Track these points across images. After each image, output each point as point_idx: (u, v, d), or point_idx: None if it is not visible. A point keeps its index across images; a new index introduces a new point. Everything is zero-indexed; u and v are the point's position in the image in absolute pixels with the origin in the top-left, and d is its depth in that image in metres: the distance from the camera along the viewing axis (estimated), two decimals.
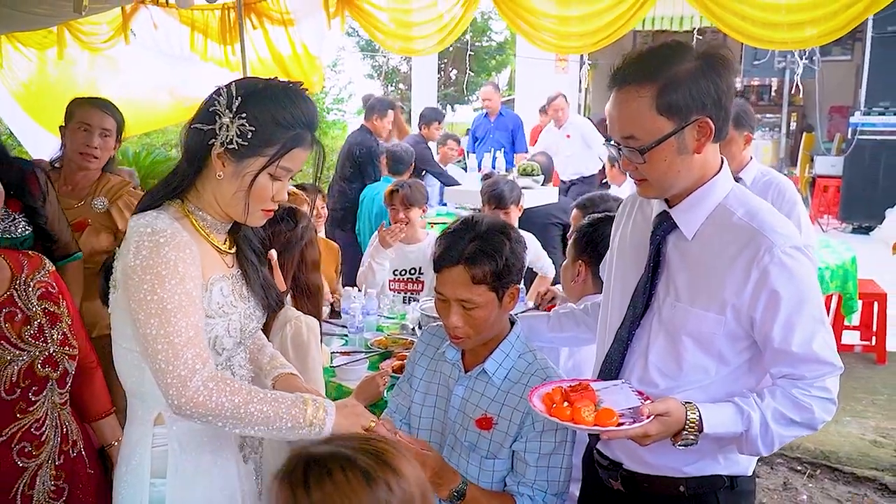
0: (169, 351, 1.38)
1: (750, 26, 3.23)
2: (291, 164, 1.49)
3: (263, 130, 1.44)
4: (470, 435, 1.77)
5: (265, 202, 1.50)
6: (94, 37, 5.63)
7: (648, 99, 1.45)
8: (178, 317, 1.39)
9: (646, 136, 1.47)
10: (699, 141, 1.49)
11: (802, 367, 1.49)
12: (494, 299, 1.73)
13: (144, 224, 1.43)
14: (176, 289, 1.40)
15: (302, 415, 1.43)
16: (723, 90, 1.47)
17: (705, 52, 1.48)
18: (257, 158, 1.46)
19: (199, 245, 1.49)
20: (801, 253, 1.47)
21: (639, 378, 1.63)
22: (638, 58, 1.49)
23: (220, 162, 1.46)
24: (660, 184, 1.54)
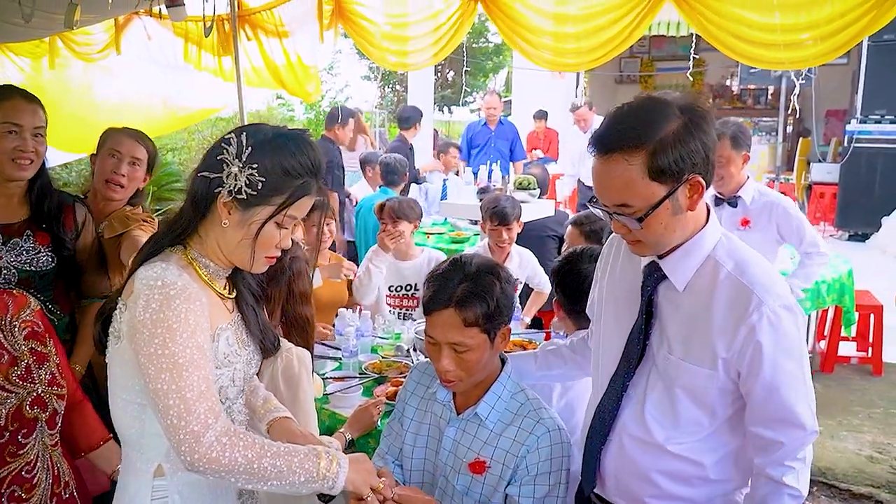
0: (181, 406, 1.36)
1: (745, 45, 3.20)
2: (298, 212, 1.49)
3: (272, 180, 1.44)
4: (462, 478, 1.75)
5: (270, 250, 1.51)
6: (88, 47, 5.60)
7: (639, 166, 1.42)
8: (189, 371, 1.37)
9: (640, 203, 1.45)
10: (692, 199, 1.48)
11: (781, 431, 1.49)
12: (486, 341, 1.71)
13: (154, 276, 1.41)
14: (188, 342, 1.38)
15: (315, 468, 1.42)
16: (709, 146, 1.46)
17: (687, 107, 1.45)
18: (265, 207, 1.46)
19: (205, 294, 1.47)
20: (790, 313, 1.47)
21: (635, 426, 1.62)
22: (621, 122, 1.46)
23: (226, 210, 1.46)
24: (656, 244, 1.53)
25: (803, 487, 1.51)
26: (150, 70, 6.00)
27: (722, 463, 1.60)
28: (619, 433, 1.65)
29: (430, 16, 4.16)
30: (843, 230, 8.84)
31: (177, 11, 4.26)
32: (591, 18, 3.68)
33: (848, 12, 3.02)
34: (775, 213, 3.38)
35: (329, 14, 4.36)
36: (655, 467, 1.60)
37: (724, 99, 13.16)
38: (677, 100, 1.46)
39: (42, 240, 2.38)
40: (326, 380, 2.83)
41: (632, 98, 1.52)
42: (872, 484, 3.83)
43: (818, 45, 3.07)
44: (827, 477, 3.89)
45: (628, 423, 1.63)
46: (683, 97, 1.47)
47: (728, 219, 3.45)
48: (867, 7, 2.98)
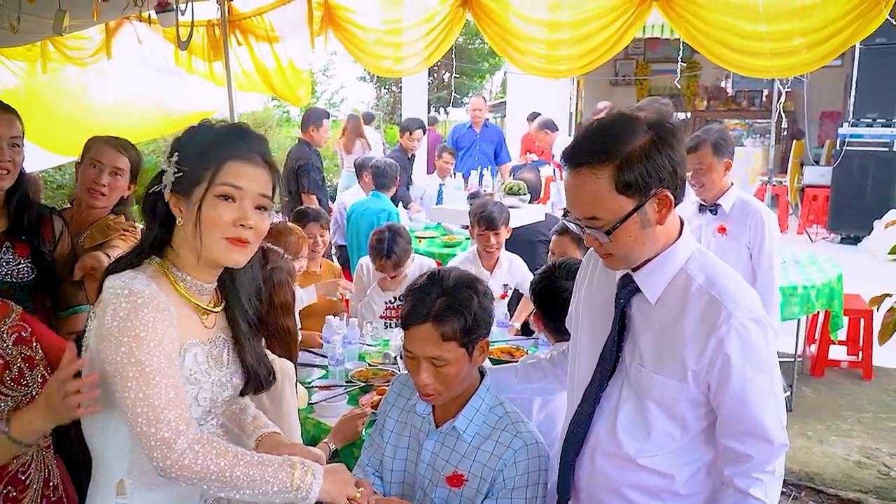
0: (150, 413, 1.36)
1: (732, 53, 3.22)
2: (236, 179, 1.45)
3: (196, 159, 1.46)
4: (440, 491, 1.76)
5: (221, 228, 1.45)
6: (80, 51, 5.60)
7: (606, 180, 1.45)
8: (157, 379, 1.37)
9: (609, 216, 1.48)
10: (661, 213, 1.50)
11: (750, 443, 1.50)
12: (464, 355, 1.72)
13: (121, 285, 1.41)
14: (155, 351, 1.38)
15: (289, 479, 1.42)
16: (677, 161, 1.48)
17: (655, 122, 1.48)
18: (200, 186, 1.45)
19: (176, 307, 1.46)
20: (759, 325, 1.48)
21: (607, 439, 1.63)
22: (591, 137, 1.49)
23: (176, 208, 1.48)
24: (626, 257, 1.55)
25: (771, 500, 1.52)
26: (143, 73, 6.01)
27: (694, 478, 1.60)
28: (592, 446, 1.66)
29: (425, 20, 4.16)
30: (835, 233, 8.85)
31: (166, 17, 4.26)
32: (581, 25, 3.69)
33: (834, 21, 3.04)
34: (752, 222, 3.37)
35: (319, 20, 4.36)
36: (626, 481, 1.61)
37: (718, 101, 13.18)
38: (647, 116, 1.50)
39: (21, 251, 2.38)
40: (312, 388, 2.83)
41: (626, 100, 1.55)
42: (861, 489, 3.84)
43: (804, 53, 3.09)
44: (815, 482, 3.90)
45: (601, 436, 1.64)
46: (654, 113, 1.51)
47: (707, 226, 3.47)
48: (853, 16, 3.00)
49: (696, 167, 3.31)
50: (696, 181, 3.34)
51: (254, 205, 1.48)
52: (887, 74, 8.21)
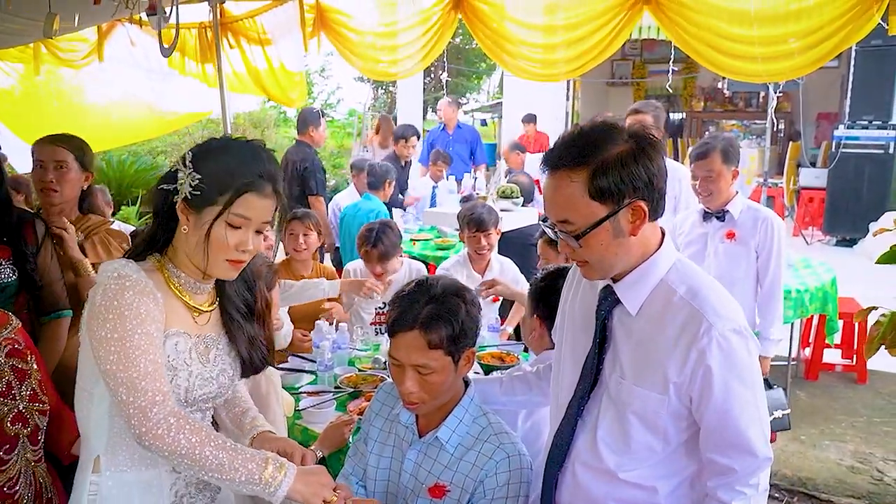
0: (128, 383, 1.45)
1: (723, 57, 3.21)
2: (247, 211, 1.54)
3: (216, 179, 1.52)
4: (421, 501, 1.74)
5: (226, 251, 1.54)
6: (72, 53, 5.58)
7: (580, 184, 1.45)
8: (136, 353, 1.46)
9: (580, 220, 1.47)
10: (634, 224, 1.48)
11: (734, 457, 1.49)
12: (450, 363, 1.71)
13: (113, 269, 1.53)
14: (136, 329, 1.47)
15: (259, 471, 1.46)
16: (653, 172, 1.47)
17: (635, 133, 1.48)
18: (213, 207, 1.52)
19: (165, 298, 1.55)
20: (741, 337, 1.47)
21: (587, 453, 1.61)
22: (570, 141, 1.49)
23: (184, 216, 1.55)
24: (600, 266, 1.54)
25: None
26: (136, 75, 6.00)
27: (677, 491, 1.59)
28: (573, 461, 1.65)
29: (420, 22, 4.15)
30: (830, 235, 8.84)
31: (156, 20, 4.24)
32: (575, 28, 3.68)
33: (825, 25, 3.03)
34: (762, 227, 3.36)
35: (311, 22, 4.34)
36: (608, 495, 1.60)
37: (715, 102, 13.17)
38: (630, 126, 1.51)
39: (3, 253, 2.37)
40: (300, 394, 2.81)
41: (622, 101, 1.55)
42: (853, 495, 3.83)
43: (796, 57, 3.08)
44: (808, 487, 3.89)
45: (581, 450, 1.63)
46: (636, 125, 1.51)
47: (714, 233, 3.45)
48: (845, 20, 2.99)
49: (704, 175, 3.29)
50: (704, 189, 3.32)
51: (255, 230, 1.58)
52: (883, 76, 8.22)
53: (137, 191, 10.06)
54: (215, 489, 1.73)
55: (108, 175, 10.01)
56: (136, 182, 10.45)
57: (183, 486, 1.64)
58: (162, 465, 1.59)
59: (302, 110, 5.99)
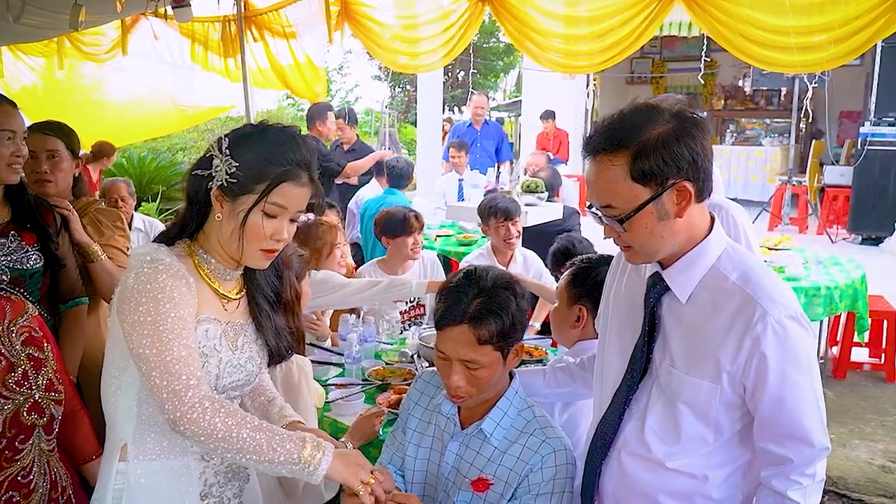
0: (162, 367, 1.42)
1: (757, 48, 3.15)
2: (283, 200, 1.51)
3: (253, 167, 1.49)
4: (463, 495, 1.71)
5: (260, 241, 1.52)
6: (96, 47, 5.62)
7: (622, 167, 1.41)
8: (170, 337, 1.44)
9: (623, 204, 1.44)
10: (679, 205, 1.44)
11: (790, 447, 1.44)
12: (499, 358, 1.67)
13: (145, 252, 1.51)
14: (170, 312, 1.45)
15: (297, 451, 1.43)
16: (697, 152, 1.42)
17: (677, 112, 1.43)
18: (249, 196, 1.50)
19: (196, 284, 1.53)
20: (797, 323, 1.42)
21: (635, 442, 1.58)
22: (609, 125, 1.45)
23: (218, 203, 1.52)
24: (645, 250, 1.50)
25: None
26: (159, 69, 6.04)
27: (728, 481, 1.55)
28: (619, 450, 1.61)
29: (440, 17, 4.13)
30: (855, 234, 8.71)
31: (182, 12, 4.26)
32: (601, 20, 3.64)
33: (862, 15, 2.97)
34: (724, 220, 3.26)
35: (336, 15, 4.33)
36: (654, 485, 1.57)
37: (736, 100, 13.06)
38: (670, 106, 1.45)
39: (28, 239, 2.35)
40: (328, 386, 2.79)
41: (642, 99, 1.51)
42: (885, 494, 3.76)
43: (831, 48, 3.02)
44: (838, 486, 3.82)
45: (629, 440, 1.59)
46: (678, 103, 1.46)
47: None
48: (880, 11, 2.92)
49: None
50: None
51: (290, 219, 1.56)
52: None
53: (157, 187, 10.13)
54: (243, 478, 1.71)
55: (129, 171, 10.07)
56: (156, 178, 10.51)
57: (212, 474, 1.62)
58: (191, 453, 1.58)
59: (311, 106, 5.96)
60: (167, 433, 1.54)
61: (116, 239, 2.71)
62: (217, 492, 1.64)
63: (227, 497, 1.66)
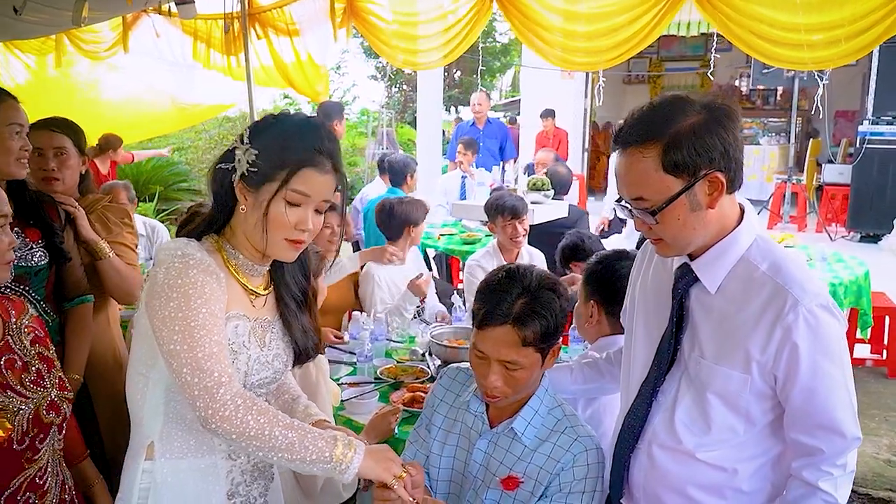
0: (193, 364, 1.40)
1: (768, 45, 3.16)
2: (306, 187, 1.48)
3: (273, 154, 1.48)
4: (492, 493, 1.69)
5: (285, 230, 1.50)
6: (96, 45, 5.58)
7: (653, 159, 1.41)
8: (201, 333, 1.42)
9: (655, 196, 1.43)
10: (711, 196, 1.44)
11: (821, 437, 1.43)
12: (539, 360, 1.65)
13: (175, 247, 1.49)
14: (201, 308, 1.43)
15: (329, 449, 1.42)
16: (729, 142, 1.42)
17: (708, 104, 1.43)
18: (271, 184, 1.48)
19: (226, 279, 1.52)
20: (829, 313, 1.41)
21: (664, 434, 1.57)
22: (640, 117, 1.45)
23: (242, 195, 1.51)
24: (676, 242, 1.49)
25: (841, 496, 1.45)
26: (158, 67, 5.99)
27: (758, 473, 1.54)
28: (648, 441, 1.61)
29: (439, 16, 4.12)
30: (854, 231, 8.75)
31: (187, 9, 4.23)
32: (606, 18, 3.64)
33: (872, 12, 2.97)
34: None
35: (342, 12, 4.31)
36: (685, 476, 1.56)
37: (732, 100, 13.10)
38: (701, 97, 1.45)
39: (33, 236, 2.32)
40: (341, 385, 2.78)
41: (639, 98, 1.51)
42: (891, 488, 3.77)
43: (842, 44, 3.02)
44: None
45: (658, 431, 1.59)
46: (709, 95, 1.46)
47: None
48: (891, 7, 2.93)
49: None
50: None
51: (315, 208, 1.53)
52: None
53: (154, 188, 10.07)
54: (269, 477, 1.70)
55: (126, 172, 9.98)
56: (153, 179, 10.45)
57: (239, 473, 1.61)
58: (218, 452, 1.56)
59: (322, 104, 5.93)
60: (194, 431, 1.53)
61: (125, 236, 2.68)
62: (244, 491, 1.62)
63: (253, 496, 1.64)
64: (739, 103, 13.05)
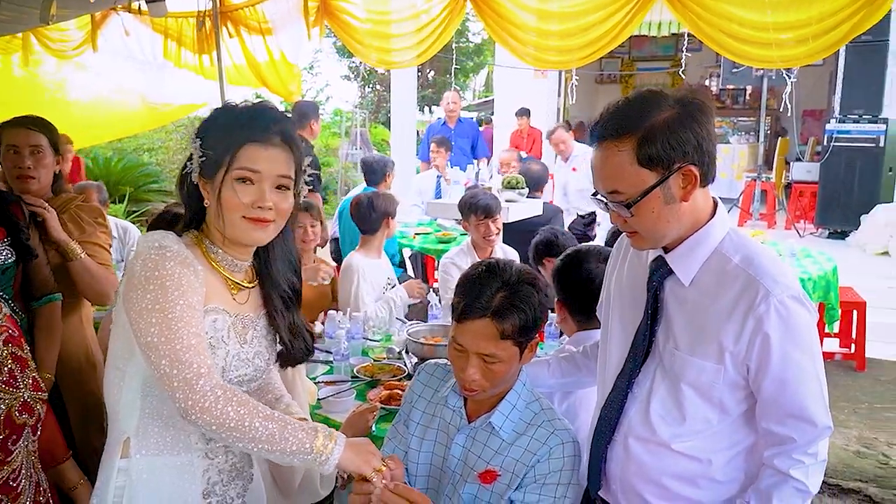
0: (171, 356, 1.39)
1: (738, 43, 3.21)
2: (251, 163, 1.48)
3: (218, 141, 1.50)
4: (469, 487, 1.69)
5: (239, 209, 1.49)
6: (64, 43, 5.48)
7: (628, 152, 1.43)
8: (179, 325, 1.41)
9: (630, 189, 1.46)
10: (685, 189, 1.46)
11: (792, 426, 1.46)
12: (517, 353, 1.66)
13: (153, 239, 1.48)
14: (178, 300, 1.42)
15: (310, 440, 1.42)
16: (702, 136, 1.44)
17: (682, 98, 1.45)
18: (221, 169, 1.49)
19: (205, 272, 1.52)
20: (800, 304, 1.44)
21: (640, 426, 1.59)
22: (615, 111, 1.47)
23: (204, 190, 1.53)
24: (651, 235, 1.52)
25: (812, 484, 1.49)
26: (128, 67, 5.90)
27: (732, 463, 1.57)
28: (624, 434, 1.63)
29: (413, 15, 4.13)
30: (822, 228, 8.92)
31: (157, 6, 4.18)
32: (578, 16, 3.67)
33: (839, 11, 3.03)
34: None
35: (315, 11, 4.28)
36: (660, 468, 1.58)
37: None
38: (675, 91, 1.48)
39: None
40: (318, 384, 2.77)
41: (611, 98, 1.54)
42: (860, 479, 3.85)
43: (809, 43, 3.08)
44: None
45: (633, 423, 1.61)
46: (683, 89, 1.48)
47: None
48: (857, 6, 2.99)
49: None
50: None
51: (273, 185, 1.51)
52: (873, 71, 8.30)
53: (125, 188, 9.93)
54: (247, 478, 1.68)
55: (95, 173, 9.85)
56: (123, 180, 10.31)
57: (215, 473, 1.60)
58: (195, 450, 1.55)
59: (298, 103, 5.90)
60: (171, 427, 1.52)
61: (98, 236, 2.65)
62: (220, 490, 1.61)
63: (230, 496, 1.63)
64: None
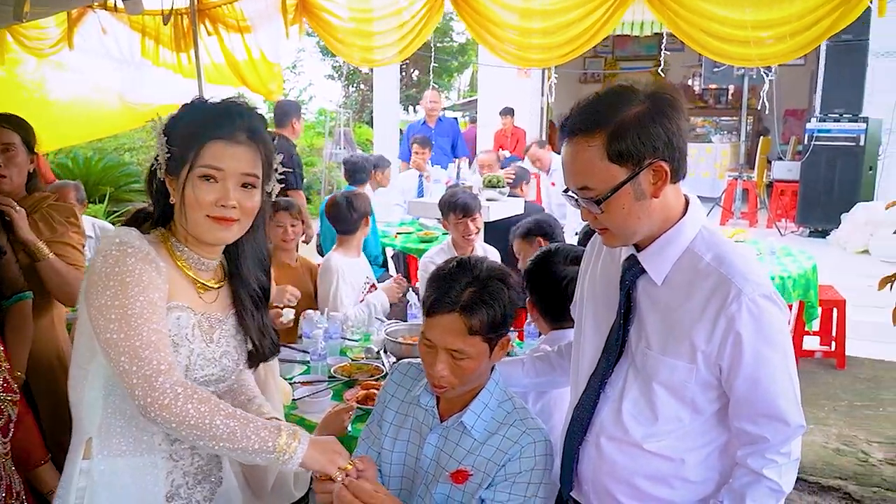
0: (131, 352, 1.38)
1: (716, 42, 3.21)
2: (215, 161, 1.46)
3: (184, 138, 1.48)
4: (441, 487, 1.67)
5: (203, 207, 1.47)
6: (40, 41, 5.40)
7: (598, 148, 1.42)
8: (139, 322, 1.39)
9: (600, 185, 1.44)
10: (655, 185, 1.45)
11: (765, 425, 1.46)
12: (486, 350, 1.64)
13: (115, 235, 1.47)
14: (139, 297, 1.40)
15: (272, 439, 1.40)
16: (673, 132, 1.43)
17: (653, 93, 1.44)
18: (185, 166, 1.47)
19: (169, 270, 1.50)
20: (771, 302, 1.44)
21: (612, 426, 1.58)
22: (585, 106, 1.46)
23: (170, 187, 1.51)
24: (622, 232, 1.50)
25: (786, 483, 1.48)
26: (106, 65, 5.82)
27: (704, 463, 1.56)
28: (597, 434, 1.61)
29: (395, 12, 4.11)
30: (803, 226, 8.98)
31: (133, 4, 4.12)
32: (559, 14, 3.66)
33: (817, 8, 3.04)
34: None
35: (293, 8, 4.25)
36: (633, 468, 1.57)
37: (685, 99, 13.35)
38: (645, 87, 1.46)
39: None
40: (294, 384, 2.74)
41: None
42: (840, 476, 3.87)
43: (787, 41, 3.09)
44: None
45: (605, 423, 1.60)
46: (653, 84, 1.47)
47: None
48: (835, 4, 3.00)
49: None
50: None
51: (238, 183, 1.49)
52: (853, 70, 8.36)
53: (105, 188, 9.82)
54: (216, 481, 1.65)
55: (75, 173, 9.73)
56: (104, 180, 10.19)
57: (180, 475, 1.56)
58: (158, 451, 1.52)
59: (279, 102, 5.84)
60: (133, 428, 1.49)
61: (70, 236, 2.61)
62: (185, 493, 1.57)
63: (195, 500, 1.60)
64: (692, 102, 13.42)
